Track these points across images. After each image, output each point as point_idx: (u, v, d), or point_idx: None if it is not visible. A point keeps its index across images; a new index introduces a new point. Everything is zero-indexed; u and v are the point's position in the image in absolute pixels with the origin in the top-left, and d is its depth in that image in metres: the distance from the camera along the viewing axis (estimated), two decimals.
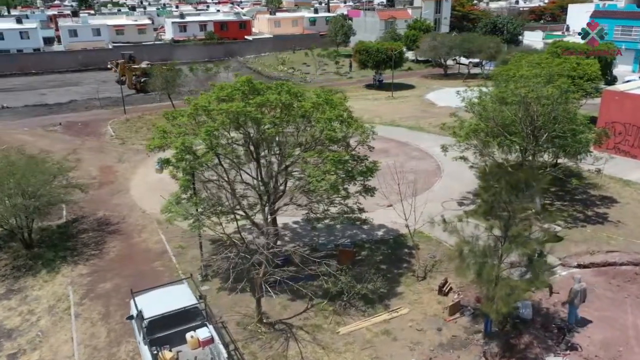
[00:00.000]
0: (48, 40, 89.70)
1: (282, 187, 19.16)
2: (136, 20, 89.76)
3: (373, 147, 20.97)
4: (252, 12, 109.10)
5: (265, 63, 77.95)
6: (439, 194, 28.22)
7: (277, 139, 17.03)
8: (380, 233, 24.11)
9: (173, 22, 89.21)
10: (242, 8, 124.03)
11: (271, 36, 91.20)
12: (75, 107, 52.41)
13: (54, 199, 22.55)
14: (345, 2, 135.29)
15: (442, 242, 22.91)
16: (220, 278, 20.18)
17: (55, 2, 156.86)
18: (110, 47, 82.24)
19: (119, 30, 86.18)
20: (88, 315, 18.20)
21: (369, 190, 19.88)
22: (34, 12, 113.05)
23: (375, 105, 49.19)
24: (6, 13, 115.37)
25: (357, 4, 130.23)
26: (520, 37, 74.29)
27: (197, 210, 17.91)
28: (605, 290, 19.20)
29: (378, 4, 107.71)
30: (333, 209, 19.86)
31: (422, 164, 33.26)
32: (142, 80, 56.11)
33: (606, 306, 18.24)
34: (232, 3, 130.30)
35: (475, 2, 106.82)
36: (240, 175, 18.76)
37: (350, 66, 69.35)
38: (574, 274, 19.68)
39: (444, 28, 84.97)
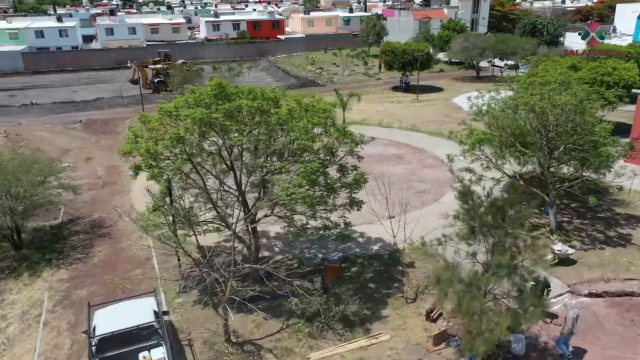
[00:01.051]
0: (89, 38, 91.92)
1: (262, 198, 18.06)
2: (171, 19, 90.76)
3: (362, 157, 19.49)
4: (288, 11, 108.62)
5: (295, 63, 77.15)
6: (447, 206, 26.32)
7: (248, 147, 15.89)
8: (375, 247, 22.62)
9: (206, 21, 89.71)
10: (279, 7, 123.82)
11: (303, 36, 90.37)
12: (100, 105, 53.04)
13: (41, 201, 22.23)
14: (384, 1, 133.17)
15: (441, 259, 21.22)
16: (199, 290, 19.27)
17: (103, 0, 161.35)
18: (144, 45, 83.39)
19: (154, 29, 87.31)
20: (57, 324, 17.64)
21: (355, 204, 18.45)
22: (77, 11, 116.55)
23: (398, 108, 47.41)
24: (52, 12, 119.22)
25: (395, 3, 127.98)
26: (562, 39, 70.51)
27: (168, 220, 17.01)
28: (616, 325, 17.12)
29: (417, 4, 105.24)
30: (315, 222, 18.59)
31: (435, 173, 31.45)
32: (156, 80, 56.38)
33: (614, 343, 16.21)
34: (269, 2, 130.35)
35: (517, 1, 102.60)
36: (221, 185, 17.75)
37: (380, 67, 67.55)
38: (576, 302, 17.71)
39: (482, 29, 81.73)
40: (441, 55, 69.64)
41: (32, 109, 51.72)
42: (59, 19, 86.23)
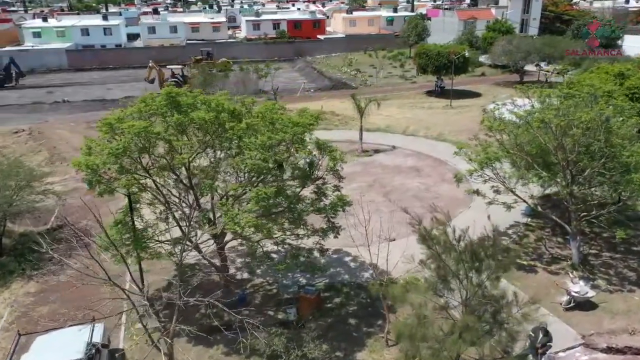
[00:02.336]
0: (134, 37, 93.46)
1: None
2: (212, 18, 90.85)
3: (343, 178, 17.28)
4: (331, 11, 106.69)
5: (331, 64, 75.14)
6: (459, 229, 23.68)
7: (198, 166, 14.11)
8: (366, 275, 20.33)
9: (247, 20, 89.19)
10: (325, 7, 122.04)
11: (343, 36, 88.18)
12: (126, 103, 52.90)
13: (22, 207, 21.40)
14: (434, 0, 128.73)
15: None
16: (164, 315, 17.69)
17: None
18: (184, 44, 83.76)
19: (195, 27, 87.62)
20: (5, 345, 16.50)
21: (330, 230, 16.28)
22: (127, 9, 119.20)
23: (427, 115, 44.51)
24: (105, 10, 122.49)
25: (444, 2, 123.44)
26: (620, 42, 64.87)
27: (124, 238, 15.51)
28: None
29: (467, 4, 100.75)
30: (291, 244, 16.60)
31: (453, 190, 28.51)
32: (170, 81, 55.89)
33: None
34: (314, 2, 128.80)
35: (574, 1, 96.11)
36: (181, 204, 16.07)
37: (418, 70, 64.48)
38: (589, 359, 14.87)
39: (532, 30, 76.76)
40: (484, 58, 65.72)
41: (62, 107, 52.37)
42: (105, 18, 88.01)
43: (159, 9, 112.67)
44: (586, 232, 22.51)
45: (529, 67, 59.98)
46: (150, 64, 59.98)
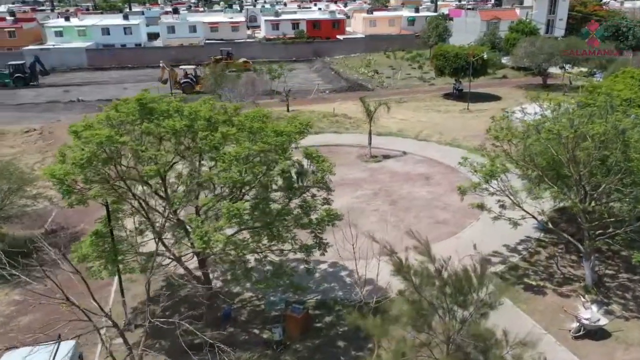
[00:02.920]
0: (154, 36, 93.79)
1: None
2: (232, 18, 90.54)
3: (332, 190, 16.17)
4: (352, 10, 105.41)
5: (350, 65, 73.90)
6: (464, 243, 22.36)
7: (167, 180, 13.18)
8: (363, 291, 19.14)
9: (266, 20, 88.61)
10: (346, 7, 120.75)
11: (363, 36, 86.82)
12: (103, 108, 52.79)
13: (12, 211, 20.91)
14: (460, 0, 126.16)
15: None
16: (149, 328, 16.89)
17: None
18: (202, 44, 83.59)
19: (214, 27, 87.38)
20: None
21: (315, 247, 15.16)
22: (149, 9, 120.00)
23: (443, 119, 42.98)
24: (128, 10, 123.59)
25: (469, 2, 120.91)
26: None
27: (99, 248, 14.72)
28: None
29: (492, 4, 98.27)
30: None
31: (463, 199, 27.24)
32: (182, 81, 55.60)
33: None
34: (336, 1, 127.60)
35: (603, 1, 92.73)
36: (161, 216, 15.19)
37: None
38: None
39: (558, 32, 74.12)
40: (506, 60, 63.62)
41: (76, 106, 52.45)
42: (125, 17, 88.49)
43: (181, 9, 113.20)
44: (603, 250, 20.95)
45: (553, 70, 57.78)
46: (161, 64, 59.81)
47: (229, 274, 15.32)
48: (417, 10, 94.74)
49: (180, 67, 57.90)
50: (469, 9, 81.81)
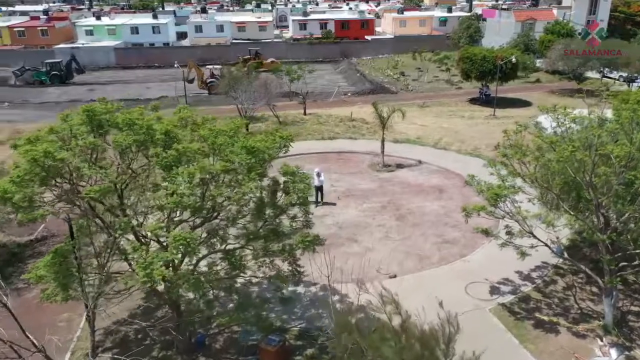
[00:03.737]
0: (184, 35, 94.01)
1: None
2: (259, 17, 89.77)
3: (311, 213, 14.55)
4: (382, 10, 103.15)
5: (376, 66, 71.91)
6: (471, 269, 20.36)
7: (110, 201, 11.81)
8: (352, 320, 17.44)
9: (293, 20, 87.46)
10: (378, 7, 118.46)
11: (392, 37, 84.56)
12: (157, 105, 52.34)
13: None
14: (497, 0, 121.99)
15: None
16: (118, 352, 15.71)
17: None
18: (229, 43, 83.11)
19: (241, 26, 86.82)
20: None
21: (283, 281, 13.49)
22: (182, 8, 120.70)
23: (466, 126, 40.64)
24: (161, 9, 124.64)
25: (507, 2, 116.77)
26: None
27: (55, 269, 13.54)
28: None
29: (527, 4, 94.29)
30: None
31: (475, 216, 25.11)
32: (208, 81, 55.03)
33: None
34: (367, 1, 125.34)
35: None
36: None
37: None
38: None
39: None
40: (540, 63, 60.45)
41: None
42: (154, 16, 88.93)
43: (212, 9, 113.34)
44: (629, 282, 18.62)
45: (591, 74, 54.47)
46: (189, 63, 59.41)
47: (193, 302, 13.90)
48: (449, 10, 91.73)
49: (207, 66, 57.39)
50: (503, 9, 78.41)
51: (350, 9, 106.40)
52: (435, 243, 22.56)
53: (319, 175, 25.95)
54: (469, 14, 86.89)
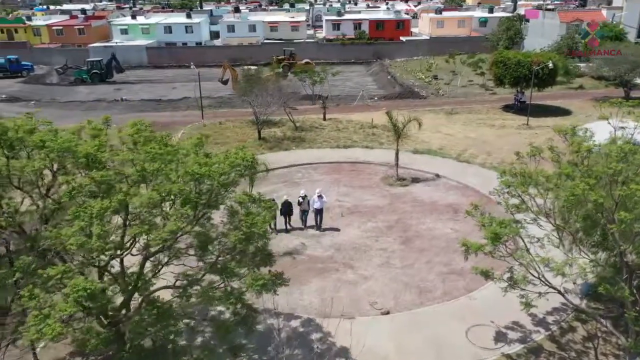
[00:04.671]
0: (217, 35, 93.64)
1: None
2: (293, 17, 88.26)
3: (273, 256, 12.47)
4: (420, 10, 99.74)
5: (409, 68, 69.03)
6: (479, 306, 17.83)
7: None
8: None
9: (327, 20, 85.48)
10: (417, 6, 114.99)
11: (427, 38, 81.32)
12: (178, 106, 51.72)
13: None
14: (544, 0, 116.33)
15: None
16: None
17: None
18: (260, 43, 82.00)
19: (273, 26, 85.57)
20: None
21: (242, 324, 11.54)
22: (218, 7, 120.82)
23: (495, 136, 37.57)
24: (199, 8, 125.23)
25: (555, 2, 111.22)
26: None
27: None
28: None
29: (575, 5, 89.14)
30: None
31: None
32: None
33: None
34: (407, 0, 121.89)
35: None
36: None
37: None
38: None
39: None
40: (585, 68, 56.19)
41: (117, 106, 52.02)
42: (188, 16, 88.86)
43: (250, 8, 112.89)
44: None
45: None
46: (223, 64, 58.54)
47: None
48: (490, 11, 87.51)
49: (252, 67, 56.30)
50: (548, 9, 73.89)
51: (388, 9, 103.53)
52: (440, 274, 20.10)
53: (320, 197, 23.01)
54: (509, 14, 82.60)
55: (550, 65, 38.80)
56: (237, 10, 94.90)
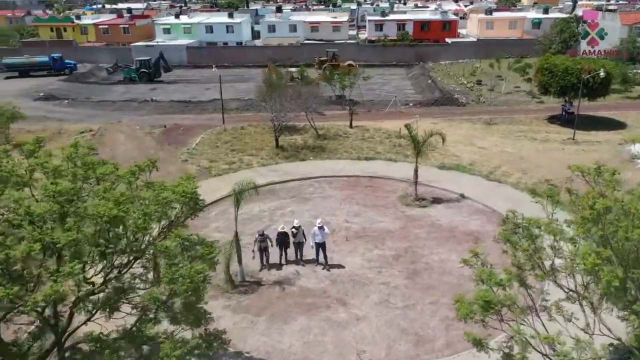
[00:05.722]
0: (259, 35, 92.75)
1: None
2: (335, 17, 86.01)
3: (210, 315, 10.37)
4: (469, 10, 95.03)
5: (451, 72, 65.38)
6: None
7: None
8: None
9: (370, 20, 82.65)
10: (468, 6, 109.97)
11: (474, 40, 76.98)
12: (206, 108, 50.63)
13: None
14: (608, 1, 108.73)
15: None
16: None
17: None
18: (299, 44, 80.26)
19: (314, 27, 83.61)
20: None
21: None
22: (264, 7, 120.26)
23: (535, 151, 33.94)
24: (245, 7, 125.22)
25: (620, 3, 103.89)
26: None
27: None
28: None
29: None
30: None
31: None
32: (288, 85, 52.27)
33: None
34: (457, 0, 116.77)
35: None
36: None
37: None
38: None
39: None
40: None
41: (146, 106, 51.60)
42: (230, 15, 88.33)
43: (296, 7, 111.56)
44: None
45: None
46: (269, 66, 57.36)
47: None
48: (545, 11, 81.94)
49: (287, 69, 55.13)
50: (609, 10, 68.08)
51: (436, 9, 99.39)
52: (445, 319, 17.39)
53: (321, 228, 20.12)
54: (566, 15, 76.89)
55: (602, 74, 34.67)
56: (279, 9, 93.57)
